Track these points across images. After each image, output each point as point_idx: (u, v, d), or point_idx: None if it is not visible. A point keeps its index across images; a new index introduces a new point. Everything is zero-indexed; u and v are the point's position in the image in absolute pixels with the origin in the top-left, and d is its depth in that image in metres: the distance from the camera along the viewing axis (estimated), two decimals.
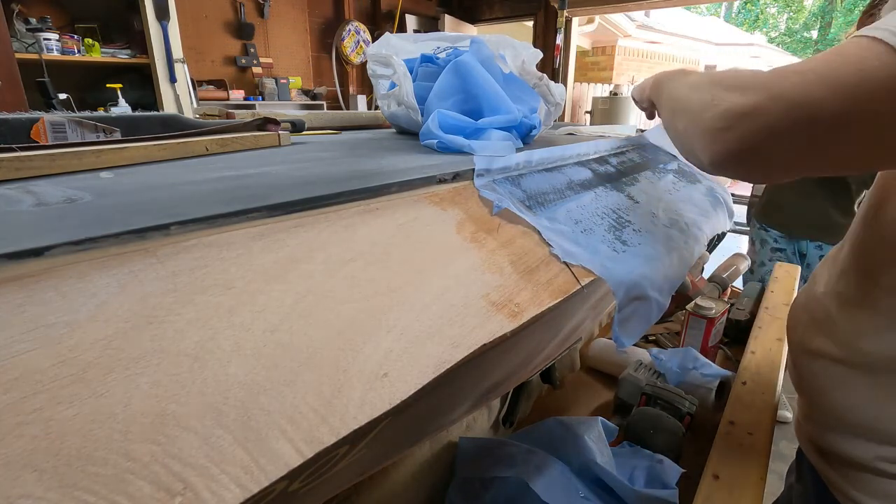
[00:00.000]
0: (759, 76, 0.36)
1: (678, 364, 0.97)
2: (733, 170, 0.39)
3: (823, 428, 0.53)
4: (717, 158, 0.38)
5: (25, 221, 0.26)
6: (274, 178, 0.40)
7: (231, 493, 0.19)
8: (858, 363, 0.48)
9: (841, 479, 0.51)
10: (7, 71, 1.68)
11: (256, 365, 0.23)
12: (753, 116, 0.34)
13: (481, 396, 0.52)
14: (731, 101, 0.36)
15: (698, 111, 0.39)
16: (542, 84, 0.72)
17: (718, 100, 0.37)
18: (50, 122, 0.54)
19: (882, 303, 0.46)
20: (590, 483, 0.72)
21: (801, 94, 0.33)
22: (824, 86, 0.32)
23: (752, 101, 0.34)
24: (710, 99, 0.38)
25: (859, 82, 0.32)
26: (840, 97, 0.32)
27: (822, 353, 0.52)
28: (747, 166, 0.38)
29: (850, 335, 0.48)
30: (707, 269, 1.35)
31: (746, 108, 0.35)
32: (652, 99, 0.60)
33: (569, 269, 0.41)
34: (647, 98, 0.63)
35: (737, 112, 0.35)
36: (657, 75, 0.60)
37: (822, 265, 0.59)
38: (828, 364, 0.51)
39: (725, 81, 0.38)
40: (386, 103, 0.77)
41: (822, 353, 0.52)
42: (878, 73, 0.31)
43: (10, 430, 0.17)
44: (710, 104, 0.38)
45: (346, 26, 3.50)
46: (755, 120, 0.34)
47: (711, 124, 0.37)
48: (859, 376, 0.48)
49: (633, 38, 6.59)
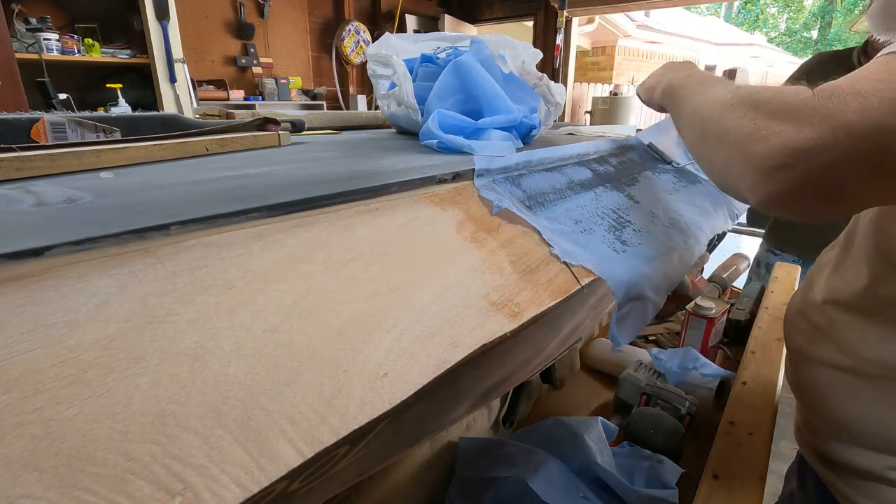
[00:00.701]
0: (810, 101, 0.32)
1: (678, 364, 0.97)
2: (791, 210, 0.35)
3: (828, 437, 0.52)
4: (773, 198, 0.34)
5: (25, 221, 0.26)
6: (274, 178, 0.40)
7: (231, 493, 0.19)
8: (867, 373, 0.47)
9: (849, 489, 0.50)
10: (7, 71, 1.68)
11: (256, 365, 0.23)
12: (817, 153, 0.30)
13: (481, 396, 0.52)
14: (787, 136, 0.31)
15: (742, 142, 0.35)
16: (542, 84, 0.72)
17: (767, 132, 0.33)
18: (50, 122, 0.54)
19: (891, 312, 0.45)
20: (590, 483, 0.72)
21: (869, 124, 0.29)
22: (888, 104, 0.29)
23: (812, 135, 0.30)
24: (755, 129, 0.34)
25: None
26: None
27: (827, 363, 0.51)
28: (809, 206, 0.34)
29: (858, 344, 0.47)
30: (707, 269, 1.35)
31: (808, 145, 0.30)
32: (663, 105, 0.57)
33: (569, 269, 0.41)
34: (657, 103, 0.60)
35: (796, 149, 0.31)
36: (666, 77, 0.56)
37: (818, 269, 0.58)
38: (833, 373, 0.50)
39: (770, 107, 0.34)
40: (386, 103, 0.77)
41: (827, 362, 0.51)
42: None
43: (10, 430, 0.17)
44: (757, 136, 0.33)
45: (346, 26, 3.50)
46: (819, 157, 0.30)
47: (764, 162, 0.33)
48: (867, 386, 0.47)
49: (633, 38, 6.59)
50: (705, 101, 0.42)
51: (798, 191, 0.32)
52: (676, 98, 0.51)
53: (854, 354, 0.48)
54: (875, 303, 0.47)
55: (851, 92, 0.30)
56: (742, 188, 0.36)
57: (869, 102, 0.29)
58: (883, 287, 0.46)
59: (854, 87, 0.31)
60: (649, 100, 0.63)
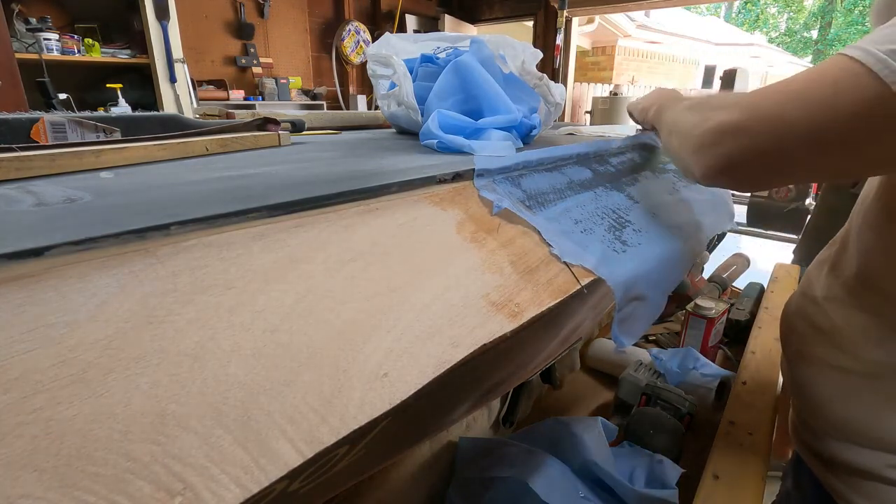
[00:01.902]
0: (746, 97, 0.38)
1: (678, 364, 0.97)
2: (723, 181, 0.41)
3: (825, 436, 0.52)
4: (707, 172, 0.41)
5: (25, 221, 0.26)
6: (274, 178, 0.40)
7: (231, 493, 0.19)
8: (866, 372, 0.47)
9: (846, 488, 0.50)
10: (7, 71, 1.68)
11: (256, 365, 0.23)
12: (736, 133, 0.38)
13: (481, 396, 0.52)
14: (718, 119, 0.39)
15: (690, 130, 0.43)
16: (542, 84, 0.72)
17: (707, 118, 0.40)
18: (50, 122, 0.54)
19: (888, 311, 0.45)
20: (590, 483, 0.72)
21: (779, 113, 0.36)
22: (800, 104, 0.35)
23: (735, 118, 0.38)
24: (701, 119, 0.41)
25: (833, 103, 0.34)
26: (813, 115, 0.34)
27: (824, 361, 0.51)
28: (736, 178, 0.41)
29: (856, 342, 0.48)
30: (707, 269, 1.35)
31: (731, 126, 0.38)
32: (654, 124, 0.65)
33: (569, 269, 0.41)
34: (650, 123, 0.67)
35: (722, 129, 0.38)
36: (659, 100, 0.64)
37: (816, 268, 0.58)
38: (830, 372, 0.50)
39: (714, 102, 0.41)
40: (386, 103, 0.77)
41: (824, 360, 0.51)
42: (850, 95, 0.33)
43: (10, 430, 0.17)
44: (700, 123, 0.41)
45: (346, 26, 3.50)
46: (738, 136, 0.37)
47: (700, 141, 0.40)
48: (866, 386, 0.47)
49: (633, 38, 6.59)
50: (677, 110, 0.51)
51: (726, 165, 0.39)
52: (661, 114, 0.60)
53: (852, 352, 0.48)
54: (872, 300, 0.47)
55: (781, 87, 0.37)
56: (688, 166, 0.43)
57: (787, 96, 0.36)
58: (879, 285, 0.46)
59: (787, 83, 0.37)
60: (643, 120, 0.71)
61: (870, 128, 0.33)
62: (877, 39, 0.33)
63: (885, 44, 0.32)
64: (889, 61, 0.31)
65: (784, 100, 0.36)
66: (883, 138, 0.33)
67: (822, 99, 0.34)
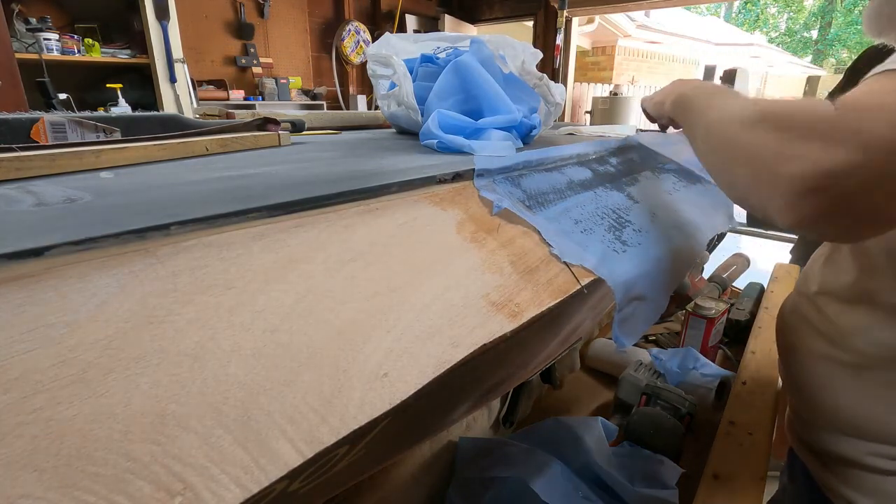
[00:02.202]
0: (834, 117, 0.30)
1: (678, 364, 0.97)
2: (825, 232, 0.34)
3: (814, 426, 0.53)
4: (806, 222, 0.32)
5: (25, 221, 0.26)
6: (274, 178, 0.40)
7: (231, 493, 0.19)
8: (854, 363, 0.48)
9: (832, 478, 0.51)
10: (7, 71, 1.68)
11: (256, 365, 0.23)
12: (849, 175, 0.29)
13: (481, 396, 0.52)
14: (815, 158, 0.30)
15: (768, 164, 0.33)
16: (542, 84, 0.72)
17: (794, 152, 0.31)
18: (50, 122, 0.54)
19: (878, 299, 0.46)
20: (590, 483, 0.72)
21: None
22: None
23: (843, 156, 0.29)
24: (781, 149, 0.32)
25: None
26: None
27: (814, 352, 0.52)
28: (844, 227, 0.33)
29: (845, 333, 0.49)
30: (707, 269, 1.35)
31: (839, 165, 0.29)
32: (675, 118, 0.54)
33: (569, 269, 0.41)
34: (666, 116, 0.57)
35: (828, 171, 0.29)
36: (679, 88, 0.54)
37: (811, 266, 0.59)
38: (820, 362, 0.51)
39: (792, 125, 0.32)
40: (386, 103, 0.77)
41: (814, 351, 0.52)
42: None
43: (10, 430, 0.17)
44: (783, 157, 0.32)
45: (346, 26, 3.50)
46: (851, 179, 0.29)
47: (795, 186, 0.31)
48: (851, 374, 0.48)
49: (633, 38, 6.59)
50: (722, 118, 0.40)
51: (832, 213, 0.31)
52: (689, 111, 0.48)
53: (841, 344, 0.49)
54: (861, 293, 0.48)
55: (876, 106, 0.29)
56: (770, 211, 0.34)
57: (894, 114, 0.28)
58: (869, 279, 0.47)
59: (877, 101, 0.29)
60: (658, 114, 0.61)
61: None
62: None
63: None
64: None
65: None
66: None
67: None
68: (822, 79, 11.79)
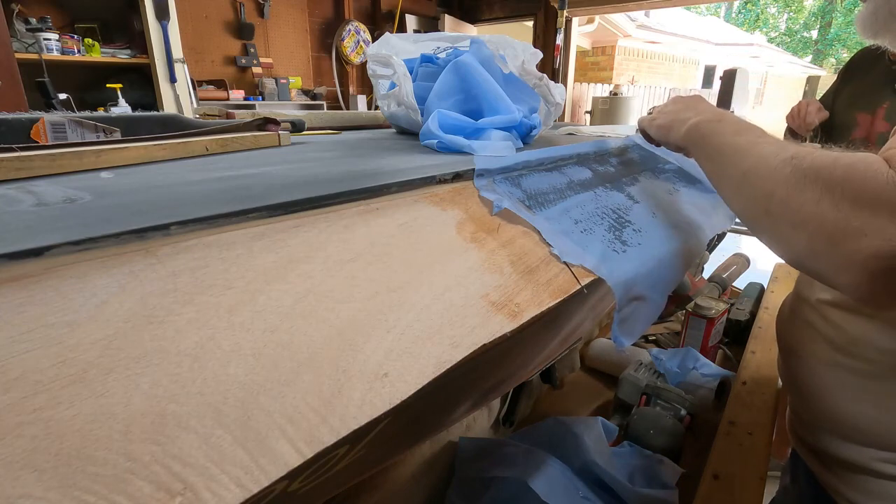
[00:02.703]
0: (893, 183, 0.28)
1: (678, 364, 0.97)
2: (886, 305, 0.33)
3: (819, 431, 0.53)
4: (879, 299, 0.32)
5: (25, 221, 0.26)
6: (274, 178, 0.40)
7: (231, 493, 0.19)
8: (858, 368, 0.47)
9: (838, 481, 0.51)
10: (7, 71, 1.68)
11: (256, 365, 0.23)
12: None
13: (481, 396, 0.52)
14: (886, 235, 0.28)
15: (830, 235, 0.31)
16: (542, 84, 0.72)
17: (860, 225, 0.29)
18: (50, 122, 0.54)
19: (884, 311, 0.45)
20: (590, 483, 0.72)
21: None
22: None
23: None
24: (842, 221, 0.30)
25: None
26: None
27: (819, 358, 0.52)
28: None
29: (852, 341, 0.48)
30: (707, 269, 1.35)
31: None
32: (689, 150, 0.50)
33: (569, 269, 0.41)
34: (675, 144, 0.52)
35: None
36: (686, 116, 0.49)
37: None
38: (825, 368, 0.51)
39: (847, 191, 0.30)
40: (386, 103, 0.77)
41: (819, 357, 0.52)
42: None
43: (10, 430, 0.17)
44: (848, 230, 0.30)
45: (346, 26, 3.50)
46: None
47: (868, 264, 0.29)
48: (858, 380, 0.48)
49: (633, 38, 6.59)
50: (758, 168, 0.37)
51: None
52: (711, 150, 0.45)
53: (848, 351, 0.49)
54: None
55: None
56: (837, 283, 0.33)
57: None
58: None
59: None
60: (664, 140, 0.55)
61: None
62: None
63: None
64: None
65: None
66: None
67: None
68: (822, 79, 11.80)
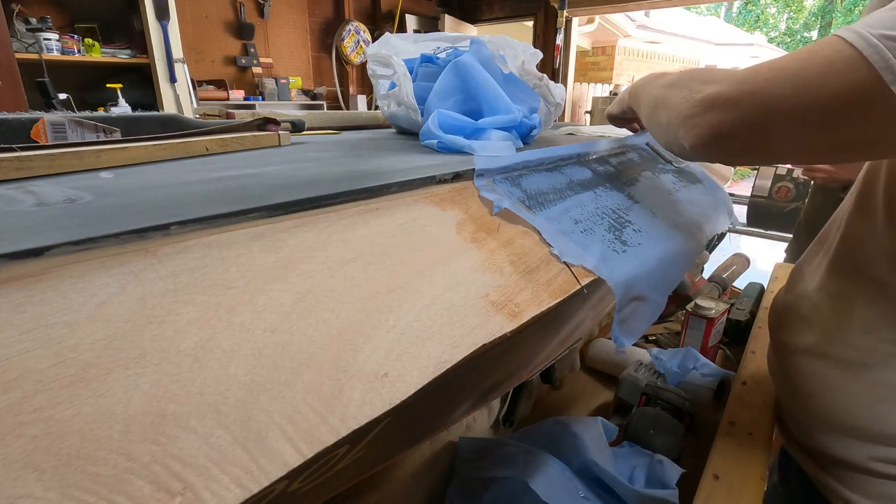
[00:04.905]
0: (735, 72, 0.39)
1: (678, 364, 0.97)
2: (710, 152, 0.42)
3: (812, 429, 0.53)
4: (696, 142, 0.41)
5: (25, 221, 0.26)
6: (274, 178, 0.40)
7: (231, 493, 0.19)
8: (855, 361, 0.47)
9: (833, 481, 0.51)
10: (7, 71, 1.68)
11: (256, 365, 0.23)
12: (725, 105, 0.38)
13: (481, 396, 0.52)
14: (707, 92, 0.39)
15: (678, 102, 0.43)
16: (542, 84, 0.72)
17: (696, 91, 0.41)
18: (50, 122, 0.54)
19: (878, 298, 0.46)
20: (590, 483, 0.72)
21: (768, 88, 0.36)
22: (790, 83, 0.35)
23: (725, 90, 0.38)
24: (689, 92, 0.42)
25: (821, 83, 0.34)
26: (800, 93, 0.35)
27: (813, 353, 0.52)
28: (723, 149, 0.41)
29: (847, 333, 0.48)
30: (707, 269, 1.35)
31: (720, 98, 0.38)
32: (631, 105, 0.62)
33: (569, 269, 0.41)
34: (627, 106, 0.64)
35: (712, 100, 0.39)
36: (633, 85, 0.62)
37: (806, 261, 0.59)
38: (820, 363, 0.51)
39: (703, 76, 0.41)
40: (386, 103, 0.77)
41: (813, 352, 0.52)
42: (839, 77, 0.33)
43: (10, 430, 0.17)
44: (688, 96, 0.41)
45: (346, 26, 3.50)
46: (727, 108, 0.38)
47: (690, 112, 0.41)
48: (854, 375, 0.48)
49: (633, 38, 6.59)
50: (657, 86, 0.50)
51: (714, 135, 0.39)
52: (637, 94, 0.57)
53: (840, 341, 0.48)
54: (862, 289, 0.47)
55: (773, 65, 0.37)
56: (679, 137, 0.43)
57: (776, 74, 0.36)
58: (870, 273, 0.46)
59: (779, 61, 0.37)
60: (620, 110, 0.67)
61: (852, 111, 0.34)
62: (872, 23, 0.33)
63: (879, 28, 0.32)
64: (880, 46, 0.31)
65: (774, 77, 0.36)
66: (862, 123, 0.34)
67: (811, 77, 0.34)
68: None
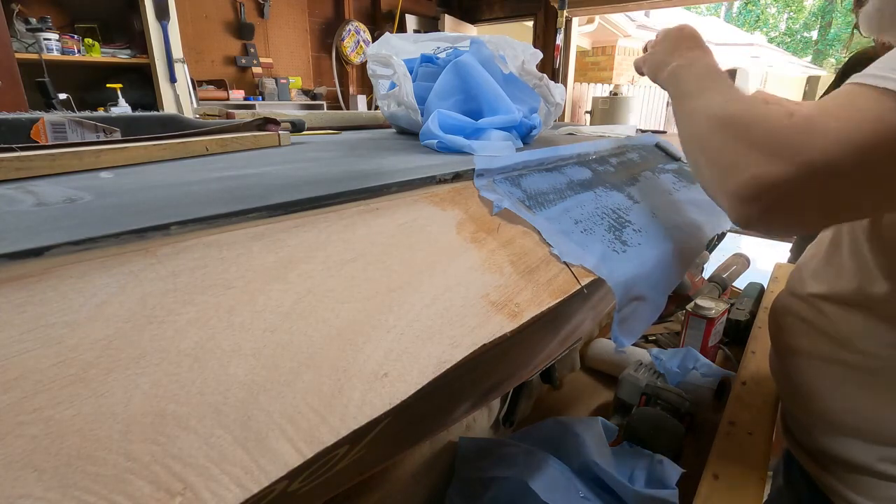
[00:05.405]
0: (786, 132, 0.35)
1: (678, 364, 0.97)
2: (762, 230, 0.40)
3: (817, 431, 0.52)
4: (743, 222, 0.39)
5: (25, 221, 0.26)
6: (274, 178, 0.40)
7: (231, 493, 0.19)
8: (860, 364, 0.47)
9: (839, 484, 0.50)
10: (7, 71, 1.68)
11: (256, 365, 0.23)
12: (779, 188, 0.35)
13: (481, 396, 0.52)
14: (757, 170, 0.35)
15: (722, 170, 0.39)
16: (542, 84, 0.72)
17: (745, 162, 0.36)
18: (50, 122, 0.54)
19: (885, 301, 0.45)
20: (590, 483, 0.72)
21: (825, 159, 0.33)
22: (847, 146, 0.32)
23: (778, 172, 0.34)
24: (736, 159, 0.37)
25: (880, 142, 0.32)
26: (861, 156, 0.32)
27: (817, 355, 0.51)
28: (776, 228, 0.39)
29: (850, 335, 0.48)
30: (707, 269, 1.35)
31: (773, 180, 0.35)
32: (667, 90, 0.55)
33: (569, 269, 0.41)
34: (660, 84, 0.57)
35: (764, 184, 0.35)
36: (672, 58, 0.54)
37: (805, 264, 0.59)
38: (823, 365, 0.50)
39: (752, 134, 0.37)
40: (386, 103, 0.77)
41: (817, 354, 0.51)
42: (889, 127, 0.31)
43: (10, 430, 0.17)
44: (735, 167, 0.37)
45: (346, 26, 3.50)
46: (780, 191, 0.35)
47: (737, 191, 0.37)
48: (859, 377, 0.47)
49: (633, 38, 6.59)
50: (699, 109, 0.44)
51: (765, 219, 0.37)
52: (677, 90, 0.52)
53: (845, 345, 0.48)
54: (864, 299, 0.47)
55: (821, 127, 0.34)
56: (722, 206, 0.41)
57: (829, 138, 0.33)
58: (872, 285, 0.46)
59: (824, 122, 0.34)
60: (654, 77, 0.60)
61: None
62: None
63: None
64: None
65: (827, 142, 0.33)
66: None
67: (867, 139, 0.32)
68: (822, 79, 11.79)
